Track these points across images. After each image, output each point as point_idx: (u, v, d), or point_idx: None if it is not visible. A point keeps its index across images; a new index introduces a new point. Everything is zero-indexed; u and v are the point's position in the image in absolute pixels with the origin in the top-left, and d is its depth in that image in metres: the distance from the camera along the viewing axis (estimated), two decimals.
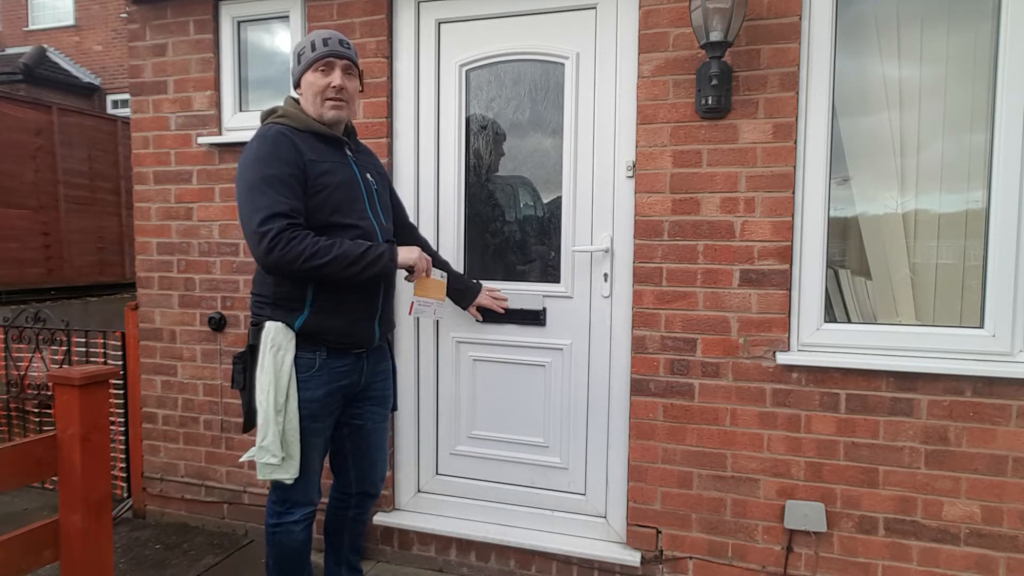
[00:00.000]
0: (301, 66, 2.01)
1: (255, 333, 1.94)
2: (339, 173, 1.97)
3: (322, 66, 1.98)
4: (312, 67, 1.98)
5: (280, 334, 1.90)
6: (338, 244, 1.85)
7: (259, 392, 1.90)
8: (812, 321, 2.26)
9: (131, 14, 2.98)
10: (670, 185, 2.32)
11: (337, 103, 1.99)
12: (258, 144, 1.89)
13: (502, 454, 2.68)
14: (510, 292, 2.56)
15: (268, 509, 2.09)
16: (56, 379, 1.72)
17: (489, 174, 2.66)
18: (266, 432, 1.88)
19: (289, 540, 2.06)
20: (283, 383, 1.89)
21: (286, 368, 1.89)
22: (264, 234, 1.79)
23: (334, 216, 1.93)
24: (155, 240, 3.03)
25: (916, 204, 2.27)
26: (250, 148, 1.91)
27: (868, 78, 2.26)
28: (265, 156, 1.86)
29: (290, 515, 2.05)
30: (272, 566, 2.13)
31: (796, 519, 2.26)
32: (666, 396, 2.38)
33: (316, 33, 2.02)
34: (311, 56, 1.98)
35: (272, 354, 1.88)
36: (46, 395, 3.55)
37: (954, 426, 2.13)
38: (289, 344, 1.91)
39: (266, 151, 1.86)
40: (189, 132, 2.93)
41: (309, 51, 1.98)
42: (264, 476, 1.93)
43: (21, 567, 1.63)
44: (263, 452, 1.89)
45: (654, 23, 2.30)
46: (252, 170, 1.86)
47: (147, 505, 3.16)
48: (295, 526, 2.06)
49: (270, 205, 1.81)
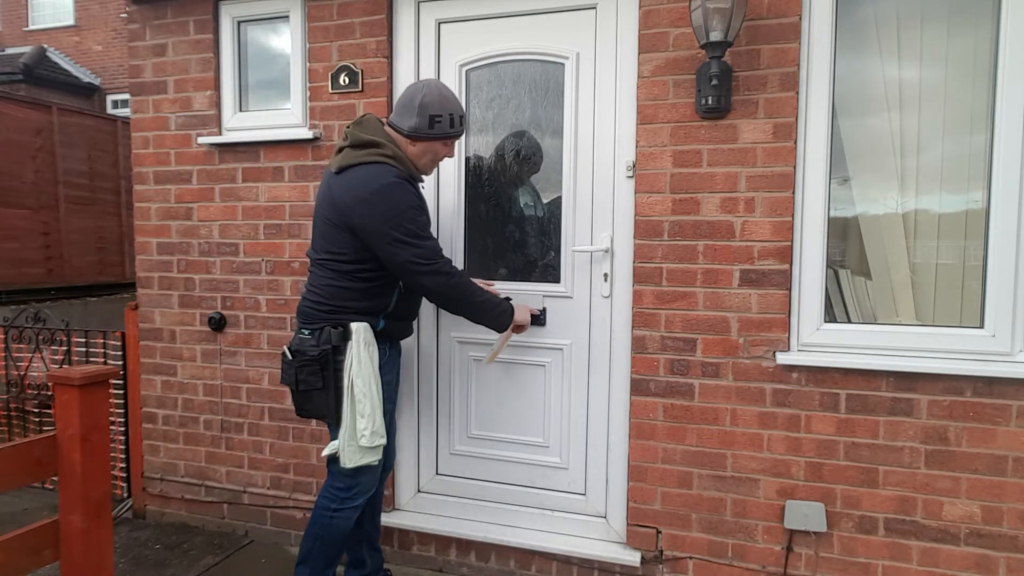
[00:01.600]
0: (434, 132, 2.11)
1: (340, 335, 2.09)
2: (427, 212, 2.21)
3: (451, 141, 2.19)
4: (443, 139, 2.15)
5: (368, 332, 2.12)
6: (479, 289, 2.21)
7: (361, 384, 2.06)
8: (812, 321, 2.26)
9: (131, 14, 2.98)
10: (670, 185, 2.32)
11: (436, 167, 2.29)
12: (404, 192, 2.05)
13: (502, 454, 2.68)
14: (510, 292, 2.56)
15: (328, 494, 2.20)
16: (56, 379, 1.72)
17: (489, 174, 2.66)
18: (375, 418, 2.08)
19: (345, 524, 2.20)
20: (376, 373, 2.12)
21: (375, 360, 2.12)
22: (434, 261, 2.08)
23: None
24: (155, 240, 3.03)
25: (916, 204, 2.27)
26: (396, 190, 2.03)
27: (868, 78, 2.26)
28: (418, 206, 2.09)
29: (353, 500, 2.19)
30: (317, 551, 2.21)
31: (796, 519, 2.26)
32: (666, 396, 2.38)
33: (454, 105, 2.13)
34: (449, 131, 2.13)
35: (366, 350, 2.09)
36: (46, 395, 3.55)
37: (954, 426, 2.13)
38: (373, 340, 2.13)
39: (415, 201, 2.08)
40: (189, 132, 2.93)
41: (447, 125, 2.11)
42: (357, 462, 2.08)
43: (21, 567, 1.63)
44: (375, 436, 2.08)
45: (654, 23, 2.30)
46: (411, 215, 2.04)
47: (147, 505, 3.16)
48: (354, 512, 2.20)
49: (434, 246, 2.11)
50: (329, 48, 2.70)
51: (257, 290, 2.88)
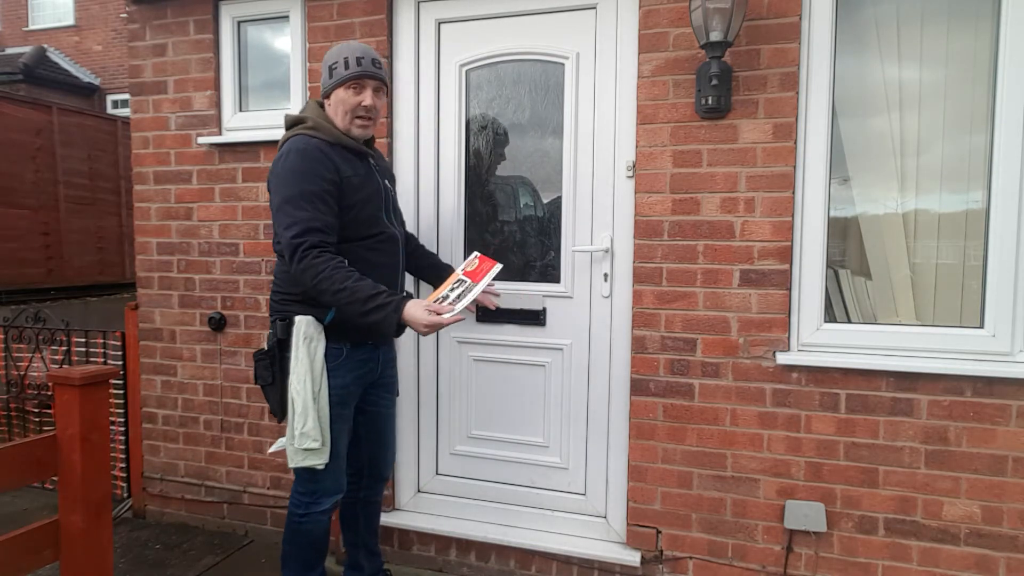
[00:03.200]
0: (333, 80, 2.03)
1: (284, 328, 2.02)
2: (368, 186, 2.05)
3: (354, 84, 2.02)
4: (344, 84, 2.01)
5: (311, 326, 1.99)
6: (354, 278, 1.87)
7: (295, 381, 1.97)
8: (812, 321, 2.26)
9: (131, 14, 2.98)
10: (670, 185, 2.32)
11: (365, 122, 2.06)
12: (299, 158, 1.94)
13: (502, 454, 2.68)
14: (510, 292, 2.56)
15: (294, 500, 2.14)
16: (56, 379, 1.72)
17: (489, 174, 2.66)
18: (306, 418, 1.97)
19: (316, 529, 2.13)
20: (317, 372, 1.99)
21: (319, 357, 2.00)
22: (298, 245, 1.88)
23: (364, 227, 2.04)
24: (155, 240, 3.03)
25: (916, 204, 2.27)
26: (290, 160, 1.95)
27: (868, 78, 2.26)
28: (307, 171, 1.93)
29: (318, 505, 2.12)
30: (293, 556, 2.16)
31: (796, 519, 2.26)
32: (666, 396, 2.38)
33: (350, 48, 2.04)
34: (344, 74, 2.01)
35: (305, 345, 1.98)
36: (46, 395, 3.55)
37: (954, 426, 2.13)
38: (320, 336, 2.01)
39: (308, 166, 1.93)
40: (189, 132, 2.93)
41: (342, 68, 2.01)
42: (298, 463, 1.99)
43: (21, 567, 1.63)
44: (304, 438, 1.97)
45: (654, 23, 2.30)
46: (293, 183, 1.93)
47: (147, 505, 3.16)
48: (323, 516, 2.13)
49: (308, 219, 1.90)
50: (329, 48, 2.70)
51: (257, 290, 2.88)
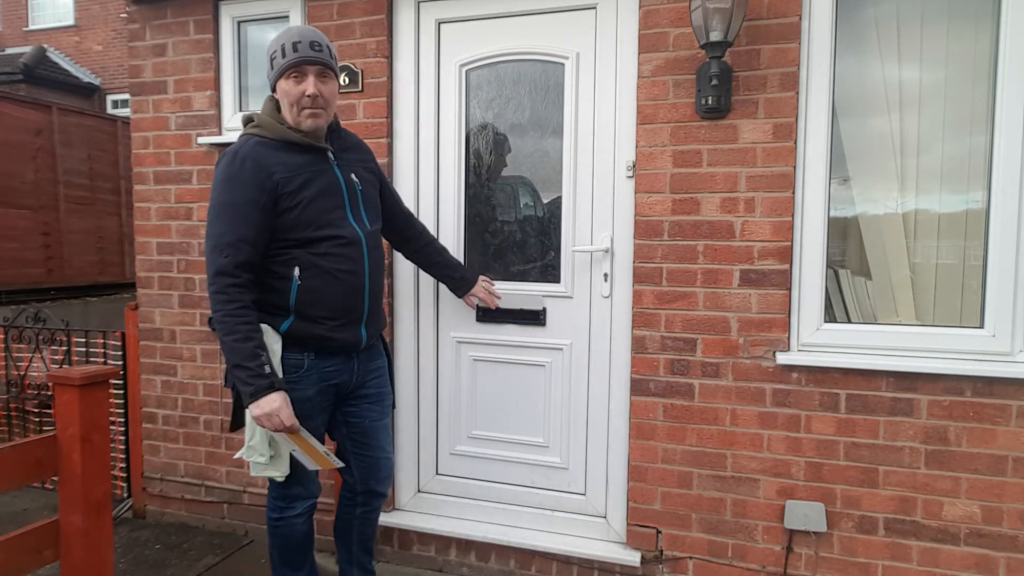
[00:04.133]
0: (274, 71, 1.89)
1: None
2: (317, 183, 1.90)
3: (294, 73, 1.86)
4: (284, 74, 1.87)
5: (267, 336, 1.86)
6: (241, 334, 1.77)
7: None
8: (812, 321, 2.26)
9: (131, 14, 2.98)
10: (670, 185, 2.32)
11: (313, 112, 1.89)
12: (226, 164, 1.85)
13: (502, 454, 2.68)
14: (510, 292, 2.56)
15: (269, 504, 2.12)
16: (56, 379, 1.72)
17: (489, 174, 2.66)
18: (253, 432, 1.89)
19: (291, 532, 2.11)
20: None
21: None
22: (211, 262, 1.80)
23: (311, 230, 1.88)
24: (155, 240, 3.02)
25: (916, 204, 2.27)
26: (220, 166, 1.86)
27: (868, 78, 2.26)
28: (228, 179, 1.82)
29: (291, 509, 2.09)
30: (276, 558, 2.17)
31: (796, 519, 2.26)
32: (666, 396, 2.38)
33: (286, 34, 1.88)
34: (282, 63, 1.86)
35: None
36: (46, 395, 3.55)
37: (954, 426, 2.13)
38: (275, 346, 1.88)
39: (231, 174, 1.83)
40: (189, 132, 2.93)
41: (280, 56, 1.86)
42: (257, 473, 1.97)
43: (21, 567, 1.63)
44: (251, 451, 1.91)
45: (654, 23, 2.30)
46: (216, 191, 1.85)
47: (147, 505, 3.16)
48: (296, 519, 2.10)
49: (219, 234, 1.80)
50: None
51: None
